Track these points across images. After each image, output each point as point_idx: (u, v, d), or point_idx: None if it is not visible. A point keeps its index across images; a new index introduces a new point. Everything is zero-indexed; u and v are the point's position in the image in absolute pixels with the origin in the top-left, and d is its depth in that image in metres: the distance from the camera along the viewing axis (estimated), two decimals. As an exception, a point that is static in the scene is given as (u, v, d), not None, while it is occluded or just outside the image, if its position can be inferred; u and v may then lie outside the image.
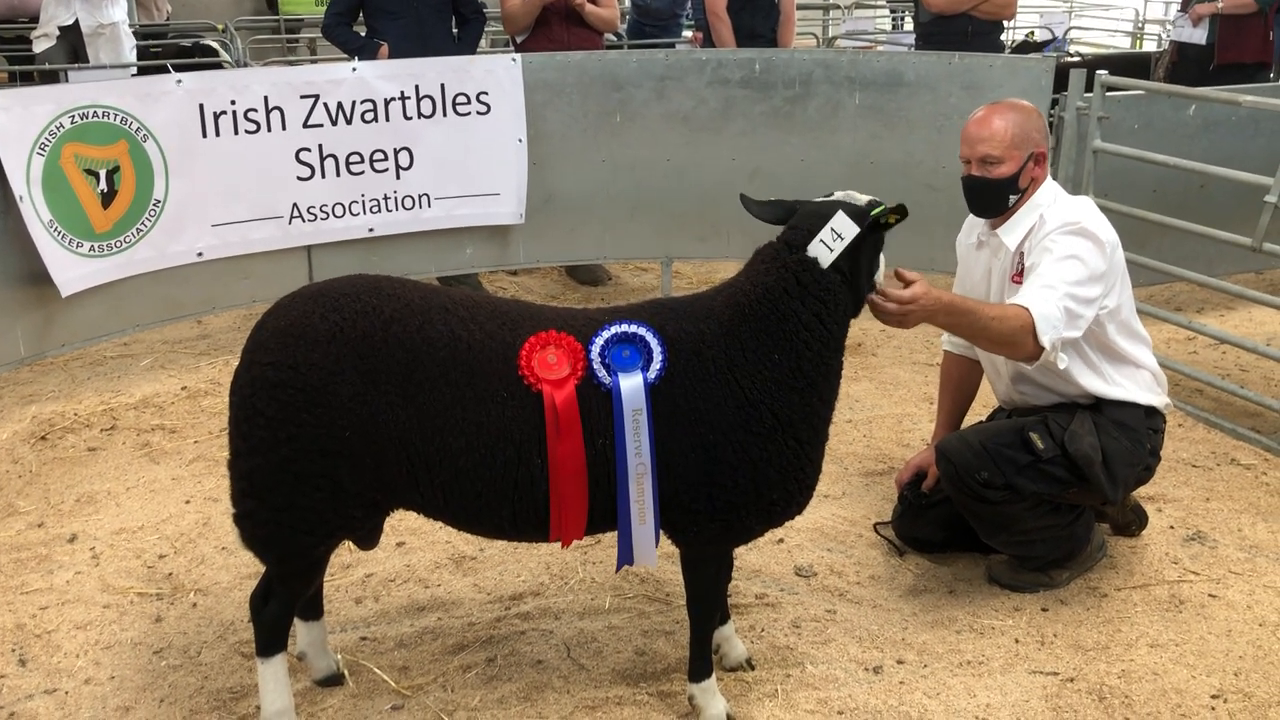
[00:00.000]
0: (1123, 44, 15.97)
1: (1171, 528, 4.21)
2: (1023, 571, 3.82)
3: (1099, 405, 3.67)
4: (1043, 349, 3.37)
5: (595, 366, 2.80)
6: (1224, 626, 3.61)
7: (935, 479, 3.90)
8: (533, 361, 2.77)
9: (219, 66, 9.55)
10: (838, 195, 3.03)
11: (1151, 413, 3.74)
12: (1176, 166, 5.27)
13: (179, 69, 5.86)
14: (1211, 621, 3.64)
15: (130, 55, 9.15)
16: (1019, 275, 3.65)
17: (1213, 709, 3.22)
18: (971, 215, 3.91)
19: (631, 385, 2.77)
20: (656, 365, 2.81)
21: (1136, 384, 3.70)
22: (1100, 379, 3.66)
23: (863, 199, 3.00)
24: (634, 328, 2.84)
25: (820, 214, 2.93)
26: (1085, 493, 3.65)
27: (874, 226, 2.93)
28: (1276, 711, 3.20)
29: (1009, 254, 3.69)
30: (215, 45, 10.92)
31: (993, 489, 3.56)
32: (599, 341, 2.82)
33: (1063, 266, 3.47)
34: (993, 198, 3.67)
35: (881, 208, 2.94)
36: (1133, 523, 4.10)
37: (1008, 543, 3.77)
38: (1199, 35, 8.10)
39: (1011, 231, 3.69)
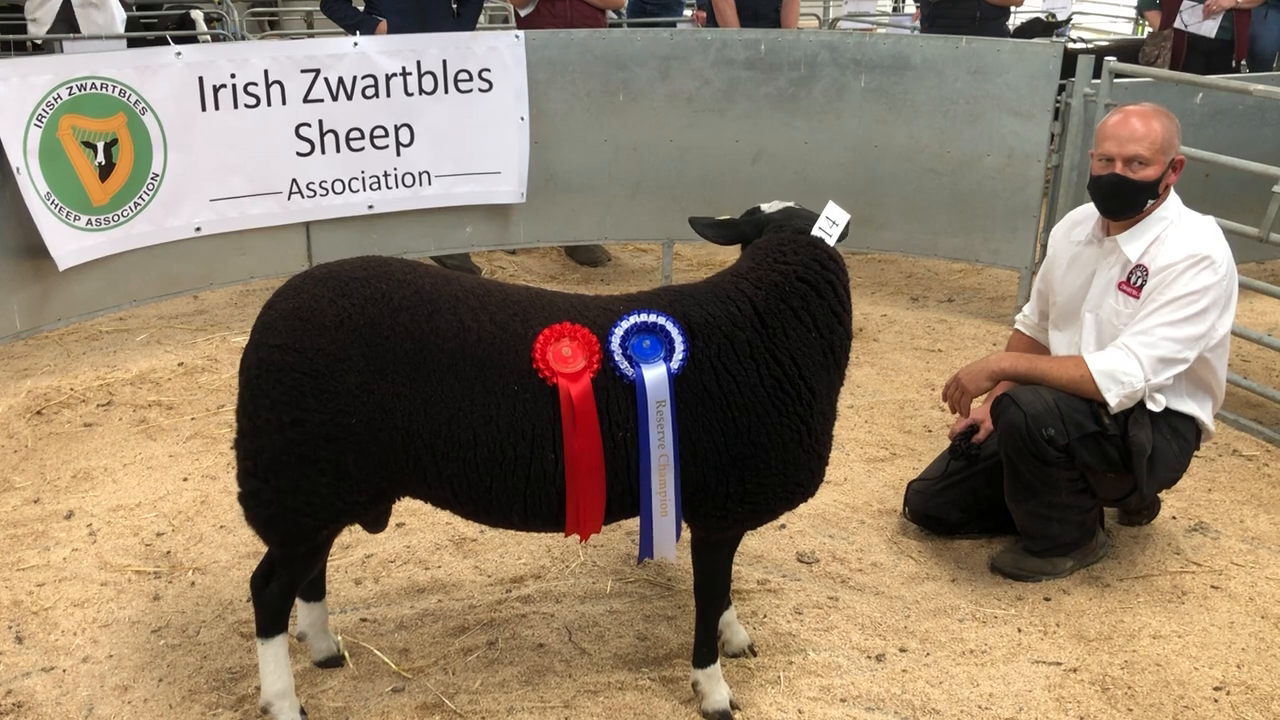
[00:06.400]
0: (1124, 30, 15.90)
1: (1174, 518, 4.21)
2: (1026, 558, 3.82)
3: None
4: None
5: (616, 358, 2.76)
6: (1226, 618, 3.61)
7: (988, 434, 3.91)
8: (547, 354, 2.72)
9: (194, 41, 9.48)
10: (769, 207, 3.11)
11: (1201, 430, 3.78)
12: (1184, 155, 5.22)
13: (162, 43, 5.80)
14: (1214, 613, 3.64)
15: (120, 26, 9.04)
16: (1128, 284, 3.65)
17: (1215, 701, 3.22)
18: (1075, 211, 3.97)
19: (655, 376, 2.73)
20: (679, 355, 2.78)
21: (1200, 405, 3.74)
22: (1174, 396, 3.67)
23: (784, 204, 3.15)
24: (654, 317, 2.80)
25: (793, 215, 3.05)
26: (1118, 481, 3.68)
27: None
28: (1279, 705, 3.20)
29: (1127, 263, 3.67)
30: (196, 17, 10.82)
31: (1053, 447, 3.56)
32: (618, 332, 2.78)
33: (1173, 309, 3.51)
34: (1131, 199, 3.64)
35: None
36: (1144, 510, 4.10)
37: (1030, 512, 3.76)
38: (1209, 27, 8.03)
39: (1133, 241, 3.66)
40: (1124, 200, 3.65)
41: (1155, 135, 3.58)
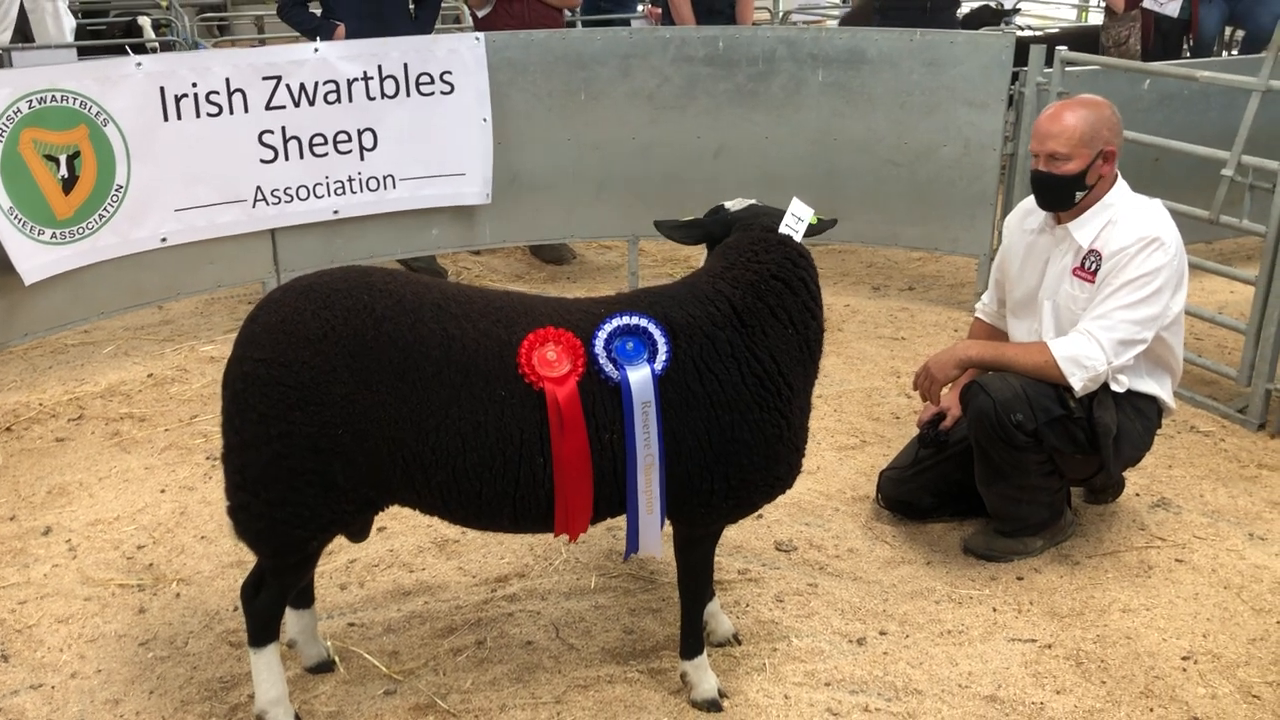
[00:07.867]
0: (1068, 16, 16.14)
1: (1137, 495, 4.34)
2: (997, 539, 3.92)
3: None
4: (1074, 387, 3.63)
5: (600, 361, 2.81)
6: (1191, 590, 3.74)
7: (955, 421, 4.00)
8: (533, 359, 2.76)
9: (143, 48, 9.41)
10: (733, 203, 3.18)
11: (1163, 408, 3.91)
12: (1135, 141, 5.37)
13: (114, 51, 5.75)
14: (1179, 586, 3.76)
15: (70, 35, 8.97)
16: (1082, 270, 3.75)
17: (1184, 670, 3.34)
18: (1027, 200, 4.05)
19: (640, 378, 2.79)
20: (662, 356, 2.83)
21: (1160, 384, 3.86)
22: (1134, 376, 3.78)
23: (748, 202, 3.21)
24: (636, 319, 2.85)
25: (758, 213, 3.11)
26: (1085, 462, 3.79)
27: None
28: (1244, 671, 3.33)
29: (1079, 250, 3.78)
30: (144, 24, 10.71)
31: (1022, 432, 3.66)
32: (602, 335, 2.83)
33: (1128, 292, 3.62)
34: (1059, 193, 3.75)
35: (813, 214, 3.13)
36: (1109, 489, 4.23)
37: (1001, 494, 3.87)
38: (1173, 8, 8.25)
39: (1083, 228, 3.77)
40: (1052, 195, 3.78)
41: (1073, 130, 3.66)
